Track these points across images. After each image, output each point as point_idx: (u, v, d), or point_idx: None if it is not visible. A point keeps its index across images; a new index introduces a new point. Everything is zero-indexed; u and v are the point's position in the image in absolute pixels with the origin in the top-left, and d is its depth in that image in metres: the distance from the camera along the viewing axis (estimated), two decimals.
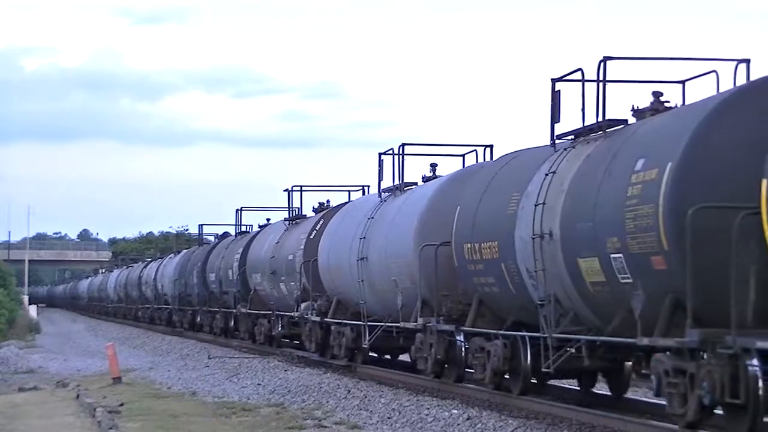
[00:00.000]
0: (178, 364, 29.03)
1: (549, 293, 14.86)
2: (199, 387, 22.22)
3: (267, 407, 18.42)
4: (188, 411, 18.11)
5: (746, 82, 13.21)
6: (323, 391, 20.28)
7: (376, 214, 22.09)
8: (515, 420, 14.99)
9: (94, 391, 21.51)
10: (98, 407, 17.66)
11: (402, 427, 15.48)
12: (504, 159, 17.90)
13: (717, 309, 11.56)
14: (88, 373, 27.50)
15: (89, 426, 16.42)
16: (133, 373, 26.64)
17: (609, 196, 13.26)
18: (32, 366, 30.85)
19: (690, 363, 12.08)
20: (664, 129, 12.98)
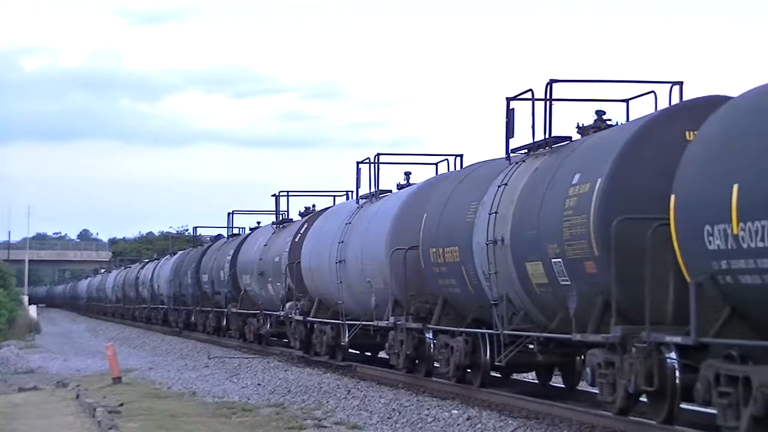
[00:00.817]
0: (177, 364, 29.17)
1: (502, 294, 16.34)
2: (199, 387, 22.35)
3: (267, 407, 18.49)
4: (188, 411, 18.15)
5: (665, 107, 14.64)
6: (323, 391, 20.44)
7: (353, 219, 23.56)
8: (515, 420, 15.21)
9: (94, 391, 21.59)
10: (98, 407, 17.62)
11: (402, 427, 15.64)
12: (466, 170, 19.40)
13: (641, 308, 13.01)
14: (88, 373, 27.63)
15: (89, 426, 16.42)
16: (133, 373, 26.72)
17: (550, 206, 14.72)
18: (32, 366, 31.08)
19: (617, 356, 13.55)
20: (597, 147, 14.45)
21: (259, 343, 33.60)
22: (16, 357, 33.00)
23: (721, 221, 11.20)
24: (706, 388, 11.89)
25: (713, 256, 11.42)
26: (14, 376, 28.05)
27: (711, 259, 11.47)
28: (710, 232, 11.39)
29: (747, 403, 11.18)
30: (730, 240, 11.07)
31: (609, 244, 13.14)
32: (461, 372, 18.57)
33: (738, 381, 11.35)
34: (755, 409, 11.04)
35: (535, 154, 16.49)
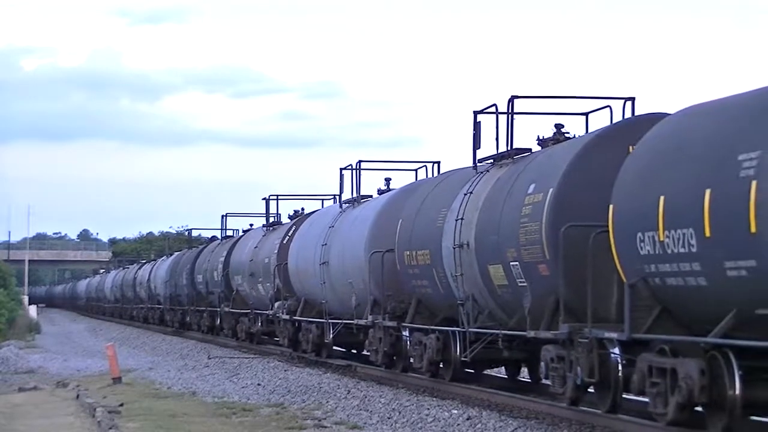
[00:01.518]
0: (177, 364, 29.27)
1: (468, 294, 17.62)
2: (199, 387, 22.41)
3: (267, 407, 18.54)
4: (188, 411, 18.16)
5: (611, 124, 15.90)
6: (323, 391, 20.55)
7: (336, 223, 24.86)
8: (515, 420, 15.29)
9: (94, 391, 21.59)
10: (98, 407, 17.63)
11: (402, 427, 15.71)
12: (438, 178, 20.71)
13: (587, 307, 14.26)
14: (88, 373, 27.70)
15: (89, 426, 16.42)
16: (133, 373, 26.78)
17: (509, 214, 15.99)
18: (32, 366, 31.12)
19: (567, 351, 14.83)
20: (550, 159, 15.73)
21: (251, 341, 34.86)
22: (16, 357, 33.01)
23: (650, 229, 12.49)
24: (641, 380, 13.18)
25: (644, 261, 12.70)
26: (14, 376, 28.07)
27: (642, 263, 12.75)
28: (641, 238, 12.68)
29: (673, 392, 12.47)
30: (658, 246, 12.36)
31: (558, 248, 14.42)
32: (434, 367, 19.83)
33: (666, 372, 12.64)
34: (680, 398, 12.32)
35: (498, 165, 17.76)
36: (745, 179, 10.95)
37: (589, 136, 15.31)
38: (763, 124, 11.02)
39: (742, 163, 11.05)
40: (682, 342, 12.52)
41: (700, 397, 12.11)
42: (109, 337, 45.08)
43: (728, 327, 11.58)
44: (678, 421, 12.57)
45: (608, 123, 16.75)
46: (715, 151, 11.63)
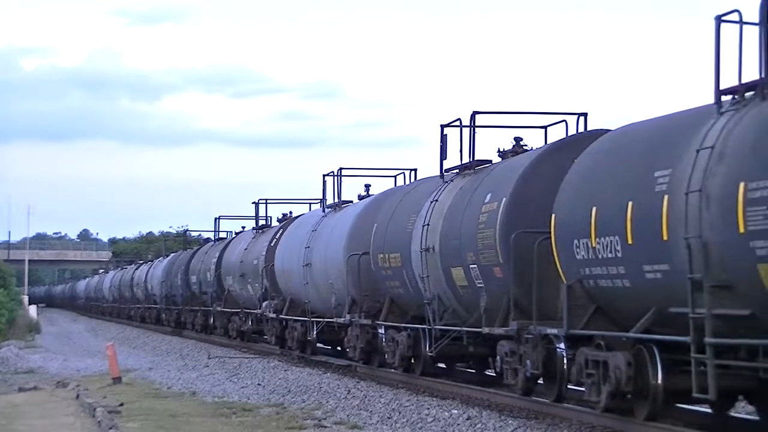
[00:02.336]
0: (177, 364, 29.37)
1: (434, 294, 19.09)
2: (199, 387, 22.46)
3: (267, 407, 18.59)
4: (188, 411, 18.17)
5: (559, 139, 17.35)
6: (323, 391, 20.66)
7: (319, 227, 26.35)
8: (515, 420, 15.38)
9: (94, 391, 21.58)
10: (98, 407, 17.61)
11: (402, 427, 15.76)
12: (410, 186, 22.23)
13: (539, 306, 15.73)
14: (88, 373, 27.63)
15: (89, 426, 16.38)
16: (133, 373, 26.81)
17: (468, 220, 17.46)
18: (32, 366, 31.09)
19: (517, 346, 16.30)
20: (505, 171, 17.21)
21: (242, 339, 36.32)
22: (16, 357, 33.04)
23: (584, 236, 13.96)
24: (578, 371, 14.66)
25: (580, 264, 14.18)
26: (14, 376, 28.00)
27: (578, 266, 14.23)
28: (577, 245, 14.15)
29: (605, 381, 13.93)
30: (590, 251, 13.84)
31: (510, 253, 15.89)
32: (406, 362, 21.30)
33: (600, 364, 14.11)
34: (610, 387, 13.79)
35: (462, 175, 19.23)
36: (659, 193, 12.42)
37: (538, 151, 16.79)
38: (675, 145, 12.49)
39: (657, 180, 12.52)
40: (612, 336, 13.99)
41: (627, 386, 13.58)
42: (108, 337, 45.35)
43: (648, 323, 13.05)
44: (610, 407, 14.04)
45: (564, 136, 18.25)
46: (637, 168, 13.10)
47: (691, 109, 13.13)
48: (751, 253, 10.82)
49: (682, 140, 12.40)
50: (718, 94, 12.22)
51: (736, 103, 11.92)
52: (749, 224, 10.83)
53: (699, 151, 11.82)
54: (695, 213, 11.67)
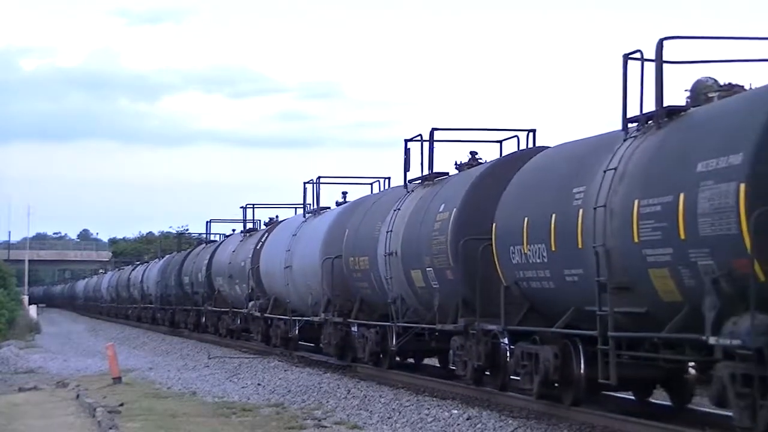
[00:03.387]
0: (177, 364, 29.58)
1: (397, 294, 20.97)
2: (199, 387, 22.59)
3: (267, 407, 18.67)
4: (188, 411, 18.23)
5: (504, 155, 19.22)
6: (323, 391, 20.83)
7: (299, 231, 28.26)
8: (515, 420, 15.54)
9: (94, 391, 21.70)
10: (98, 407, 17.68)
11: (402, 427, 15.85)
12: (378, 195, 24.15)
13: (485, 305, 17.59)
14: (88, 373, 27.76)
15: (89, 426, 16.42)
16: (133, 373, 26.92)
17: (425, 228, 19.33)
18: (32, 366, 31.33)
19: (466, 341, 18.19)
20: (457, 183, 19.09)
21: (231, 337, 38.20)
22: (16, 357, 33.32)
23: (518, 243, 15.84)
24: (515, 362, 16.55)
25: (515, 268, 16.06)
26: (14, 376, 28.14)
27: (514, 270, 16.12)
28: (513, 251, 16.04)
29: (537, 371, 15.81)
30: (523, 257, 15.72)
31: (458, 257, 17.77)
32: (375, 357, 23.18)
33: (532, 356, 15.99)
34: (540, 376, 15.67)
35: (423, 185, 21.11)
36: (575, 207, 14.31)
37: (484, 166, 18.69)
38: (590, 165, 14.37)
39: (575, 195, 14.41)
40: (541, 331, 15.87)
41: (554, 375, 15.45)
42: (108, 337, 45.47)
43: (569, 320, 14.92)
44: (542, 394, 15.90)
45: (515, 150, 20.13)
46: (560, 185, 14.99)
47: (606, 133, 15.03)
48: (644, 260, 12.68)
49: (595, 161, 14.28)
50: (625, 122, 14.10)
51: (638, 131, 13.81)
52: (641, 235, 12.69)
53: (606, 172, 13.71)
54: (601, 225, 13.56)
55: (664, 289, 12.48)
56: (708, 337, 11.44)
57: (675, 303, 12.38)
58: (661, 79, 13.51)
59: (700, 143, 12.07)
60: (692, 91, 13.70)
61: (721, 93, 13.23)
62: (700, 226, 11.58)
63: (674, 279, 12.21)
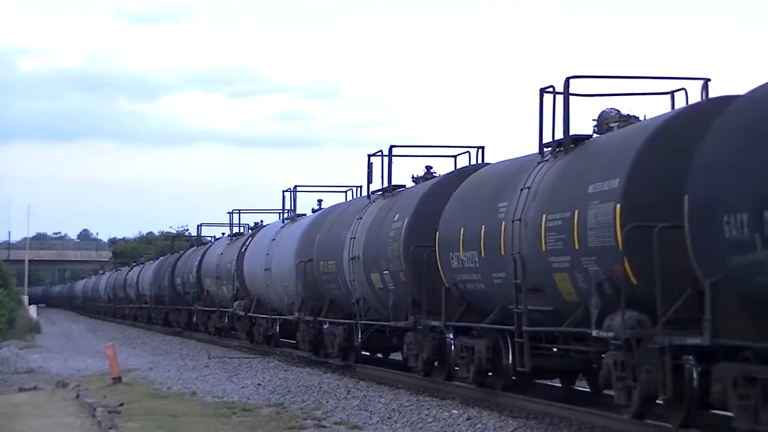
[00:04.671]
0: (177, 364, 29.67)
1: (359, 295, 23.23)
2: (199, 387, 22.69)
3: (267, 407, 18.71)
4: (188, 411, 18.27)
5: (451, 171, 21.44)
6: (323, 391, 20.94)
7: (277, 236, 30.54)
8: (515, 420, 15.62)
9: (94, 391, 21.74)
10: (98, 407, 17.68)
11: (402, 427, 15.93)
12: (345, 204, 26.44)
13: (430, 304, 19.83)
14: (88, 373, 27.87)
15: (89, 426, 16.44)
16: (133, 373, 27.01)
17: (383, 235, 21.59)
18: (32, 366, 31.46)
19: (416, 337, 20.45)
20: (408, 196, 21.37)
21: (220, 335, 40.45)
22: (16, 357, 33.39)
23: (456, 250, 18.11)
24: (456, 355, 18.81)
25: (454, 272, 18.33)
26: (14, 376, 28.24)
27: (453, 273, 18.38)
28: (452, 256, 18.30)
29: (472, 362, 18.07)
30: (460, 262, 17.99)
31: (409, 262, 20.03)
32: (343, 352, 25.45)
33: (469, 349, 18.25)
34: (475, 366, 17.93)
35: (383, 197, 23.37)
36: (500, 220, 16.58)
37: (432, 181, 20.97)
38: (512, 183, 16.63)
39: (499, 209, 16.68)
40: (476, 327, 18.15)
41: (487, 365, 17.72)
42: (108, 337, 45.59)
43: (497, 317, 17.18)
44: (476, 381, 18.15)
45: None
46: (488, 199, 17.26)
47: (526, 156, 17.30)
48: (550, 266, 14.94)
49: (517, 180, 16.55)
50: (541, 147, 16.37)
51: (550, 155, 16.07)
52: (548, 245, 14.95)
53: (522, 190, 15.98)
54: (518, 235, 15.83)
55: (566, 291, 14.74)
56: (593, 331, 13.71)
57: (573, 302, 14.64)
58: (568, 111, 15.77)
59: (592, 168, 14.35)
60: (598, 121, 15.94)
61: (620, 123, 15.47)
62: (589, 238, 13.85)
63: (572, 282, 14.48)
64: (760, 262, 10.54)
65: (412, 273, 19.93)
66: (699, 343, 11.71)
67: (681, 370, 12.59)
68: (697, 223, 11.67)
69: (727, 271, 11.15)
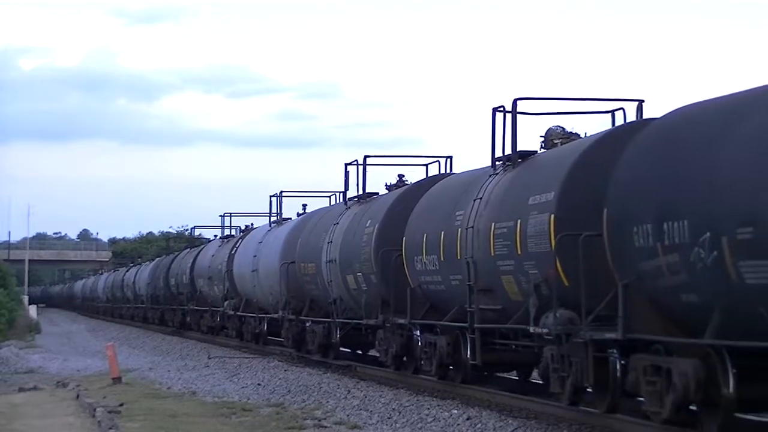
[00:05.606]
0: (177, 364, 29.79)
1: (337, 295, 24.89)
2: (199, 387, 22.73)
3: (267, 407, 18.74)
4: (188, 411, 18.28)
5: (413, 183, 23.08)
6: (323, 391, 21.01)
7: (264, 239, 32.22)
8: (515, 420, 15.68)
9: (94, 391, 21.76)
10: (98, 407, 17.72)
11: (402, 427, 15.96)
12: (325, 209, 28.17)
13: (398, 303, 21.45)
14: (88, 373, 27.92)
15: (89, 426, 16.41)
16: (133, 373, 27.06)
17: (357, 240, 23.24)
18: (32, 366, 31.49)
19: (385, 333, 22.11)
20: (380, 203, 23.04)
21: (212, 334, 42.09)
22: (16, 357, 33.47)
23: (420, 254, 19.76)
24: (420, 350, 20.46)
25: (419, 274, 19.99)
26: (14, 376, 28.23)
27: (417, 275, 20.04)
28: (416, 260, 19.96)
29: (435, 357, 19.72)
30: (423, 264, 19.64)
31: (379, 265, 21.68)
32: (323, 349, 27.11)
33: (432, 345, 19.90)
34: (438, 360, 19.58)
35: (359, 203, 25.03)
36: (456, 227, 18.23)
37: (401, 190, 22.64)
38: (467, 194, 18.27)
39: (457, 217, 18.33)
40: (438, 325, 19.80)
41: (448, 359, 19.37)
42: (108, 337, 45.79)
43: (455, 315, 18.81)
44: (438, 374, 19.80)
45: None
46: (447, 208, 18.92)
47: (481, 168, 18.95)
48: (498, 269, 16.58)
49: (471, 191, 18.21)
50: (493, 161, 18.01)
51: (500, 168, 17.72)
52: (496, 250, 16.59)
53: (475, 200, 17.63)
54: (471, 241, 17.48)
55: (511, 291, 16.39)
56: (531, 327, 15.37)
57: (518, 302, 16.29)
58: (515, 129, 17.41)
59: (533, 182, 16.00)
60: (544, 138, 17.59)
61: (562, 140, 17.13)
62: (529, 244, 15.50)
63: (516, 283, 16.13)
64: (661, 267, 12.20)
65: (382, 275, 21.56)
66: (614, 337, 13.37)
67: (606, 362, 14.23)
68: (613, 233, 13.35)
69: (636, 275, 12.82)
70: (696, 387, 12.16)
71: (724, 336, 11.57)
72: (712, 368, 12.05)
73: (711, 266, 11.26)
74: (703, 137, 11.80)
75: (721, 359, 11.93)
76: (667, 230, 11.98)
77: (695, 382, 12.16)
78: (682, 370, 12.31)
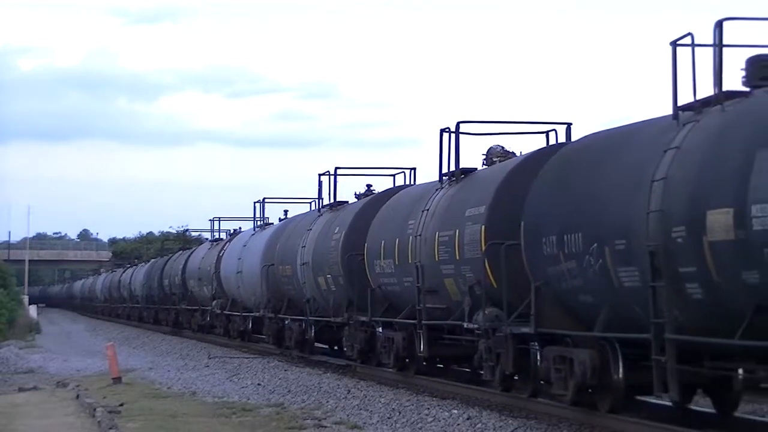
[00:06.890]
0: (177, 364, 29.90)
1: (310, 295, 27.10)
2: (199, 387, 22.79)
3: (267, 407, 18.76)
4: (188, 411, 18.29)
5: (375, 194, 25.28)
6: (323, 391, 21.08)
7: (248, 243, 34.46)
8: (515, 420, 15.73)
9: (94, 391, 21.79)
10: (98, 407, 17.74)
11: (402, 427, 15.97)
12: (300, 216, 30.39)
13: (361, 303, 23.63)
14: (88, 373, 27.99)
15: (89, 426, 16.41)
16: (133, 373, 27.10)
17: (326, 244, 25.44)
18: (32, 366, 31.48)
19: (350, 330, 24.31)
20: (346, 211, 25.24)
21: (203, 332, 44.27)
22: (16, 357, 33.52)
23: (378, 258, 21.97)
24: (380, 345, 22.66)
25: (378, 276, 22.20)
26: (14, 376, 28.30)
27: (377, 277, 22.25)
28: (375, 263, 22.17)
29: (392, 351, 21.91)
30: (381, 268, 21.85)
31: (346, 268, 23.89)
32: (300, 345, 29.32)
33: (390, 340, 22.10)
34: (395, 354, 21.78)
35: (330, 210, 27.24)
36: (408, 235, 20.43)
37: (366, 199, 24.88)
38: (418, 205, 20.47)
39: (409, 226, 20.53)
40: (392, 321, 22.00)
41: (403, 353, 21.56)
42: (108, 337, 46.01)
43: (408, 313, 20.98)
44: (396, 366, 21.98)
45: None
46: (401, 218, 21.13)
47: (431, 182, 21.15)
48: (441, 272, 18.78)
49: (421, 203, 20.41)
50: (440, 176, 20.20)
51: (446, 183, 19.91)
52: (440, 256, 18.79)
53: (423, 211, 19.85)
54: (419, 248, 19.69)
55: (453, 292, 18.59)
56: (465, 323, 17.58)
57: (458, 301, 18.48)
58: (458, 148, 19.61)
59: (470, 196, 18.21)
60: (486, 155, 19.77)
61: (500, 158, 19.32)
62: (465, 251, 17.70)
63: (456, 285, 18.33)
64: (564, 272, 14.43)
65: (348, 277, 23.76)
66: (528, 331, 15.59)
67: (528, 353, 16.44)
68: (528, 242, 15.57)
69: (545, 278, 15.05)
70: (592, 373, 14.37)
71: (610, 330, 13.79)
72: (605, 357, 14.26)
73: (599, 272, 13.47)
74: (592, 164, 14.03)
75: (613, 350, 14.15)
76: (567, 241, 14.20)
77: (591, 369, 14.36)
78: (581, 359, 14.52)
